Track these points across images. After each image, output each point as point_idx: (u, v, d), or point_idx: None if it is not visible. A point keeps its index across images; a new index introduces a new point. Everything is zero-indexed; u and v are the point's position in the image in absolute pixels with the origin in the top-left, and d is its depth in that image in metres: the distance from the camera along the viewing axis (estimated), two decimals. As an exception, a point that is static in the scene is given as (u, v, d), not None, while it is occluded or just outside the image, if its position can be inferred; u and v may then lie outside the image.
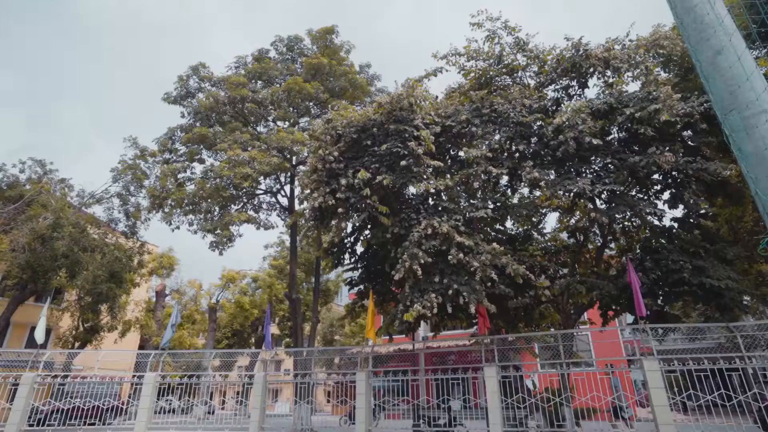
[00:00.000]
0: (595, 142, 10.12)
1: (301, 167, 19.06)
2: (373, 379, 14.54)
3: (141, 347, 36.82)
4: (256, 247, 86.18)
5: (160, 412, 16.09)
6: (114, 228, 25.79)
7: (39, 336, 13.82)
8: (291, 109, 17.89)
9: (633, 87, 22.99)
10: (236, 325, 43.55)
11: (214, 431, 12.94)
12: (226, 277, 42.61)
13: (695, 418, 11.03)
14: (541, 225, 15.24)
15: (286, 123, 18.53)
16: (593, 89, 13.12)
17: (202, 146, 17.53)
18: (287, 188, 19.34)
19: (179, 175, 17.48)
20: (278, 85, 18.97)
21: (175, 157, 18.30)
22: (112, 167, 24.91)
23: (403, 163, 10.41)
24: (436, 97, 13.22)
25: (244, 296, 41.71)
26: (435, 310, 9.88)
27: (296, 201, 19.55)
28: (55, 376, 13.85)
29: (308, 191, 11.63)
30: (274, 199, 19.58)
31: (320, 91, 17.79)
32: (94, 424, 13.30)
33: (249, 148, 15.17)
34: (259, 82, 18.97)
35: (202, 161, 18.13)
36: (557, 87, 13.08)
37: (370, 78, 21.15)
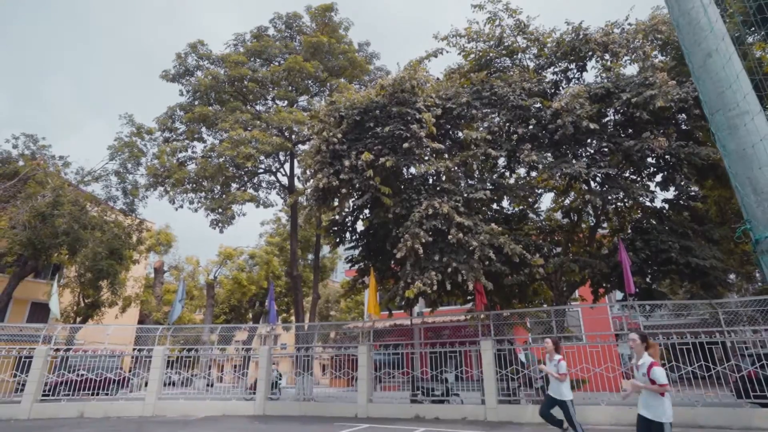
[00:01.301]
0: (592, 126, 10.42)
1: (301, 146, 19.17)
2: (371, 353, 15.14)
3: (140, 322, 37.36)
4: (252, 224, 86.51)
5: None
6: (112, 206, 25.91)
7: (54, 310, 14.29)
8: (290, 88, 17.86)
9: (630, 69, 23.13)
10: (234, 300, 44.22)
11: (221, 401, 13.51)
12: (224, 254, 42.96)
13: (677, 389, 11.70)
14: (537, 205, 15.65)
15: (285, 102, 18.52)
16: (591, 71, 13.35)
17: (202, 125, 17.53)
18: (287, 167, 19.50)
19: (180, 154, 17.54)
20: (277, 64, 18.87)
21: (174, 136, 18.31)
22: (108, 144, 24.89)
23: (405, 145, 10.66)
24: (437, 78, 13.36)
25: (241, 273, 42.18)
26: (435, 287, 10.34)
27: (296, 179, 19.75)
28: (67, 350, 14.29)
29: (311, 171, 11.86)
30: (273, 178, 19.75)
31: (320, 70, 17.76)
32: (98, 394, 13.77)
33: (250, 128, 15.24)
34: (258, 60, 18.84)
35: (202, 140, 18.16)
36: (556, 70, 13.26)
37: (368, 56, 21.06)
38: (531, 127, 11.77)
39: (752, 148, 3.18)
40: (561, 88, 12.96)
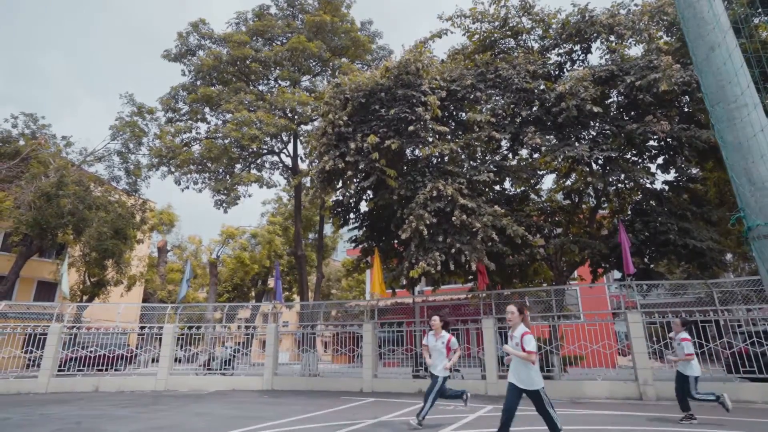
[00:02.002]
0: (595, 109, 10.51)
1: (303, 126, 19.21)
2: (376, 330, 15.56)
3: (145, 300, 37.97)
4: (254, 203, 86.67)
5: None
6: (115, 186, 26.07)
7: (65, 290, 14.65)
8: (294, 68, 17.79)
9: (635, 50, 22.93)
10: (236, 279, 44.80)
11: (230, 376, 13.99)
12: (226, 233, 43.28)
13: (670, 366, 12.13)
14: (538, 186, 15.83)
15: (287, 82, 18.47)
16: (596, 52, 13.34)
17: (205, 106, 17.53)
18: (290, 147, 19.56)
19: (184, 135, 17.60)
20: (280, 44, 18.72)
21: (177, 117, 18.33)
22: (110, 125, 24.88)
23: (410, 128, 10.78)
24: (442, 60, 13.34)
25: (243, 252, 42.63)
26: (439, 267, 10.63)
27: (299, 160, 19.85)
28: (79, 327, 14.69)
29: (317, 153, 12.00)
30: (277, 159, 19.85)
31: (323, 50, 17.65)
32: (108, 370, 14.21)
33: (254, 109, 15.25)
34: (261, 39, 18.67)
35: (205, 120, 18.19)
36: (561, 51, 13.24)
37: (371, 35, 20.87)
38: (535, 109, 11.86)
39: (749, 141, 3.37)
40: (565, 70, 12.97)
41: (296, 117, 17.50)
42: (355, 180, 11.71)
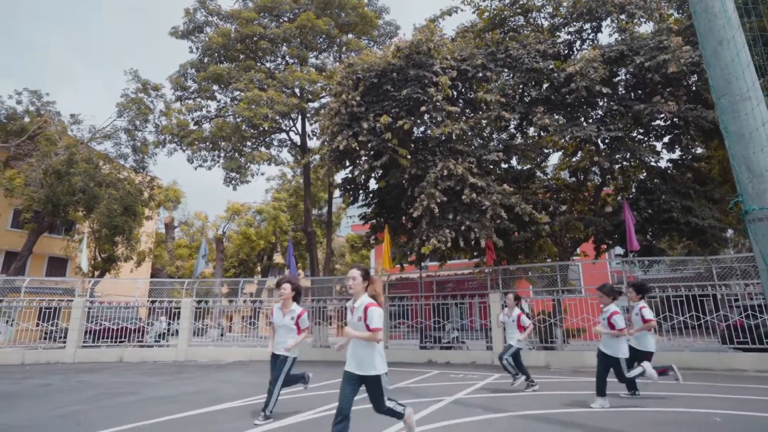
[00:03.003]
0: (604, 90, 10.70)
1: (311, 104, 19.32)
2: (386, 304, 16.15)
3: (152, 275, 38.72)
4: (257, 179, 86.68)
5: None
6: (123, 163, 26.35)
7: (84, 265, 15.18)
8: (301, 46, 17.76)
9: (645, 27, 22.72)
10: (242, 254, 45.53)
11: (247, 347, 14.65)
12: (232, 209, 43.76)
13: (668, 338, 12.69)
14: (544, 164, 16.08)
15: (295, 60, 18.48)
16: (606, 30, 13.34)
17: (215, 84, 17.61)
18: (298, 125, 19.71)
19: (194, 114, 17.77)
20: (287, 20, 18.63)
21: (186, 94, 18.45)
22: (117, 102, 24.92)
23: (422, 108, 10.99)
24: (451, 38, 13.40)
25: (249, 228, 43.20)
26: (449, 244, 11.05)
27: (307, 138, 20.05)
28: (101, 302, 15.29)
29: (329, 133, 12.24)
30: (285, 136, 20.04)
31: (331, 26, 17.58)
32: (123, 342, 14.85)
33: (265, 87, 15.37)
34: (269, 16, 18.56)
35: (214, 98, 18.29)
36: (571, 30, 13.28)
37: (378, 11, 20.68)
38: (544, 88, 12.01)
39: (751, 133, 3.70)
40: (575, 49, 13.04)
41: (305, 95, 17.59)
42: (367, 159, 11.97)
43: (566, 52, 12.89)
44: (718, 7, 4.16)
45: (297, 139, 20.03)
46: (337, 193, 19.30)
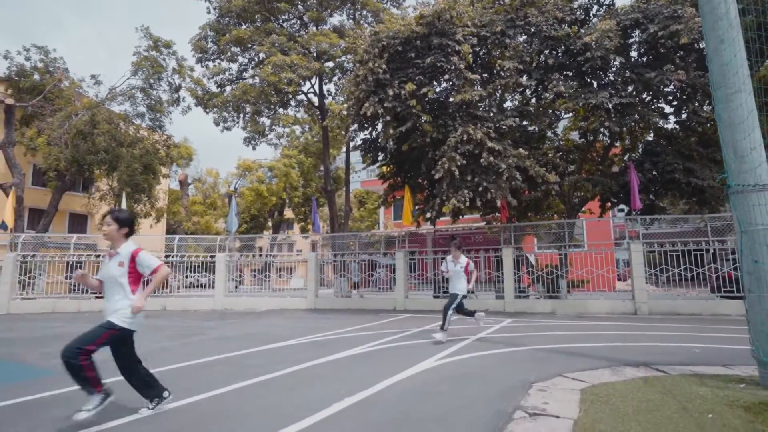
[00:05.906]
0: (618, 59, 11.26)
1: (329, 64, 19.72)
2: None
3: (168, 231, 40.10)
4: (270, 138, 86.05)
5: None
6: (140, 123, 26.93)
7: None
8: (320, 7, 17.89)
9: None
10: (254, 210, 46.86)
11: (278, 297, 16.08)
12: (243, 166, 44.61)
13: (664, 289, 13.91)
14: (554, 126, 16.72)
15: (312, 21, 18.64)
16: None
17: (236, 47, 17.93)
18: (316, 86, 20.19)
19: (218, 77, 18.23)
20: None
21: (207, 56, 18.81)
22: (131, 61, 25.12)
23: (446, 77, 11.62)
24: (472, 4, 13.69)
25: (261, 184, 44.21)
26: (467, 204, 12.05)
27: (324, 99, 20.56)
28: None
29: (354, 99, 12.91)
30: (303, 97, 20.57)
31: (349, -16, 17.69)
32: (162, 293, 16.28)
33: (287, 50, 15.78)
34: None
35: (234, 60, 18.66)
36: (588, -7, 13.54)
37: (395, -31, 20.54)
38: (560, 55, 12.52)
39: (741, 122, 4.57)
40: (591, 14, 13.38)
41: (324, 57, 17.97)
42: (392, 123, 12.66)
43: (583, 17, 13.24)
44: (723, 10, 4.87)
45: (315, 99, 20.57)
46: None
